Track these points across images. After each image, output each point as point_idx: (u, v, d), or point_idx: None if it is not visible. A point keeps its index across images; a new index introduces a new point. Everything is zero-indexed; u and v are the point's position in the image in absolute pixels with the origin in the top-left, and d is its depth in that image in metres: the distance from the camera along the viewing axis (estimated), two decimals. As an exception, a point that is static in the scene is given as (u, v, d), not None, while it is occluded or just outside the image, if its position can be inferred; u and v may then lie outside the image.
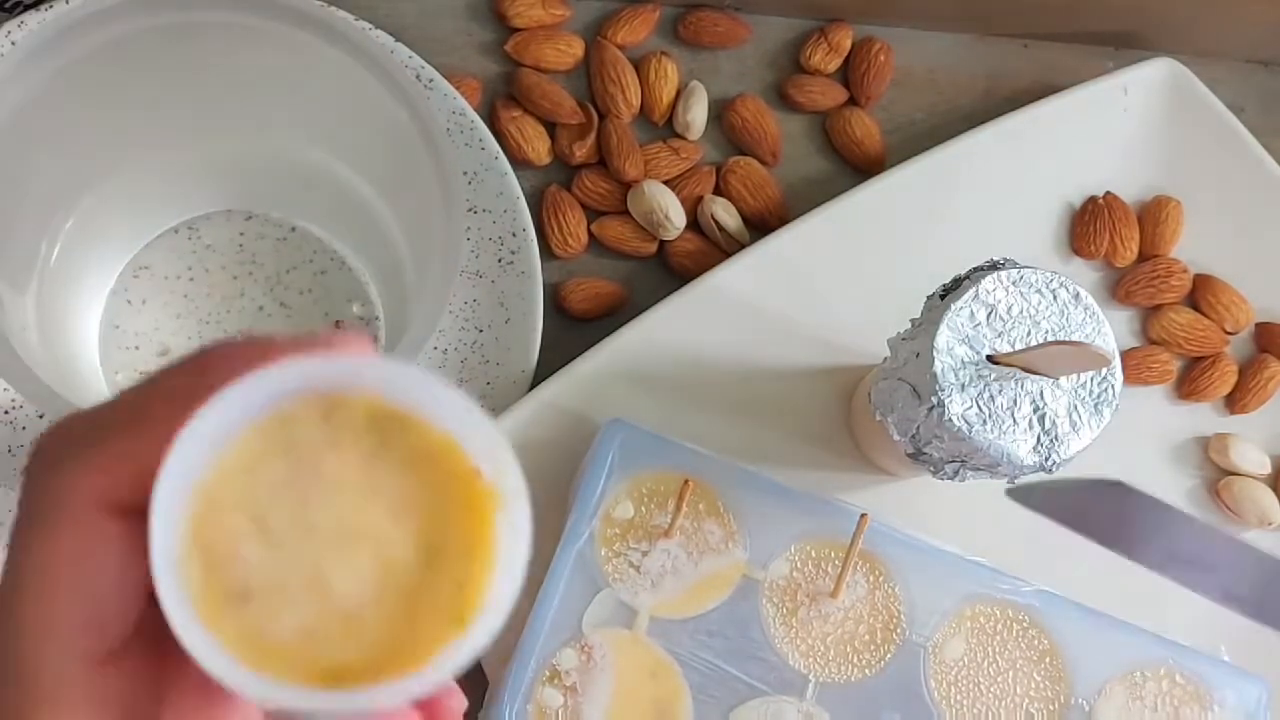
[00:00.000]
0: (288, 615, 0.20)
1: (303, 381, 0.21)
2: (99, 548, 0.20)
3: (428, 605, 0.21)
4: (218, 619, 0.20)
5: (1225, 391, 0.51)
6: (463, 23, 0.52)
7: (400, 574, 0.21)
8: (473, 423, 0.21)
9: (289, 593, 0.20)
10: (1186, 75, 0.52)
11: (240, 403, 0.20)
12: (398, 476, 0.21)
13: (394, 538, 0.21)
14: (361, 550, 0.21)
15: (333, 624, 0.20)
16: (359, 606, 0.20)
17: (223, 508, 0.20)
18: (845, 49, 0.53)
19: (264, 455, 0.21)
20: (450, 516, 0.21)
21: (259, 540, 0.20)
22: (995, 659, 0.44)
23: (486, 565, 0.21)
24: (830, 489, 0.46)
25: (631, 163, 0.50)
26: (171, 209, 0.48)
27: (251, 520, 0.20)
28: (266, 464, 0.21)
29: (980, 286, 0.39)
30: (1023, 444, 0.38)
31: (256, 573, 0.20)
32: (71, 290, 0.45)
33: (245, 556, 0.20)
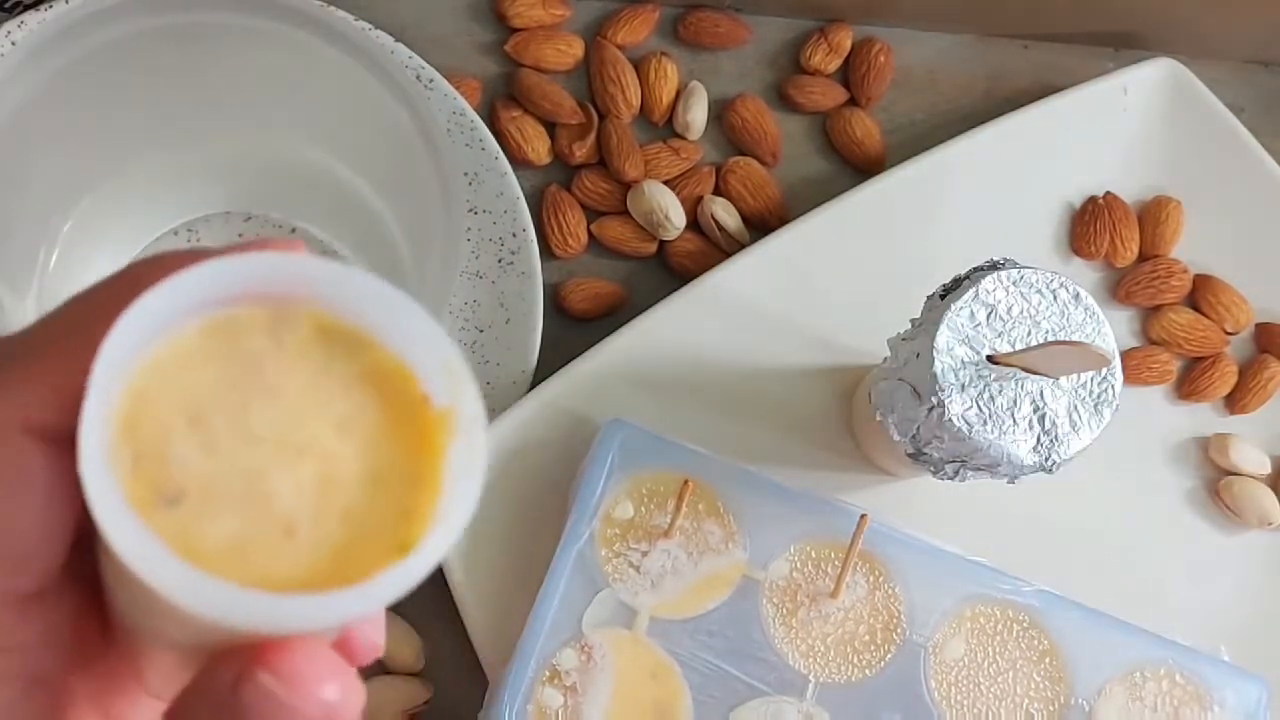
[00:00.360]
0: (221, 521, 0.19)
1: (247, 281, 0.19)
2: (23, 474, 0.19)
3: (370, 529, 0.20)
4: (146, 519, 0.18)
5: (1225, 392, 0.51)
6: (463, 23, 0.52)
7: (343, 493, 0.20)
8: (427, 344, 0.20)
9: (224, 498, 0.19)
10: (1187, 75, 0.52)
11: (180, 296, 0.19)
12: (345, 394, 0.20)
13: (339, 455, 0.20)
14: (303, 464, 0.19)
15: (269, 536, 0.19)
16: (297, 521, 0.19)
17: (157, 405, 0.19)
18: (845, 49, 0.53)
19: (203, 356, 0.19)
20: (398, 441, 0.20)
21: (194, 441, 0.19)
22: (995, 659, 0.44)
23: (433, 496, 0.20)
24: (830, 489, 0.46)
25: (631, 163, 0.50)
26: (171, 210, 0.48)
27: (187, 421, 0.19)
28: (205, 366, 0.19)
29: (980, 287, 0.39)
30: (1023, 444, 0.38)
31: (190, 474, 0.19)
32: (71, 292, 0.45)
33: (179, 456, 0.19)
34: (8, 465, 0.19)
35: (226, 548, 0.19)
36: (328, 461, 0.20)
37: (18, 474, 0.19)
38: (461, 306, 0.47)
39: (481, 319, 0.47)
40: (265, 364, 0.20)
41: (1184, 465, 0.50)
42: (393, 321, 0.20)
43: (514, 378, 0.46)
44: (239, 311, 0.20)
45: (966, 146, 0.50)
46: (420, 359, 0.20)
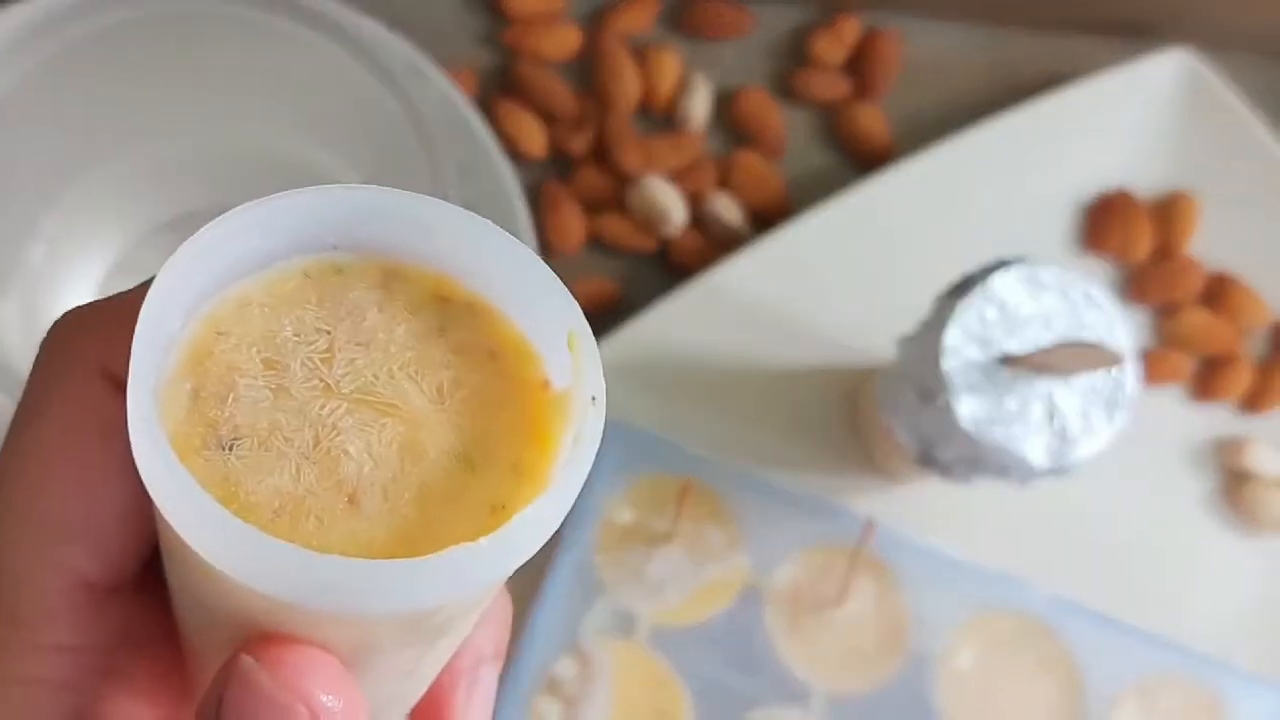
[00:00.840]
0: (275, 475, 0.17)
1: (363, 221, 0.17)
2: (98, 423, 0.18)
3: (448, 515, 0.17)
4: (190, 458, 0.16)
5: (1240, 392, 0.50)
6: (457, 12, 0.51)
7: (425, 468, 0.17)
8: (553, 318, 0.18)
9: (284, 450, 0.17)
10: (1201, 67, 0.51)
11: (280, 226, 0.17)
12: (453, 360, 0.18)
13: (431, 424, 0.17)
14: (384, 426, 0.17)
15: (327, 500, 0.17)
16: (363, 489, 0.17)
17: (230, 340, 0.17)
18: (851, 40, 0.52)
19: (295, 294, 0.18)
20: (506, 425, 0.18)
21: (264, 382, 0.17)
22: (1006, 668, 0.43)
23: (532, 489, 0.18)
24: (835, 493, 0.45)
25: (631, 156, 0.49)
26: (159, 206, 0.47)
27: (262, 361, 0.17)
28: (295, 304, 0.17)
29: (990, 284, 0.38)
30: (1034, 446, 0.38)
31: (251, 417, 0.17)
32: (56, 290, 0.45)
33: (243, 397, 0.17)
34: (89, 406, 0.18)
35: (276, 505, 0.16)
36: (414, 428, 0.17)
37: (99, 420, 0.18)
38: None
39: (477, 317, 0.46)
40: (367, 314, 0.18)
41: (1199, 468, 0.49)
42: (518, 287, 0.18)
43: (510, 377, 0.46)
44: (350, 259, 0.18)
45: (975, 140, 0.49)
46: (545, 336, 0.18)
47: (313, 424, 0.17)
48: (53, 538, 0.18)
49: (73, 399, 0.18)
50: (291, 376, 0.17)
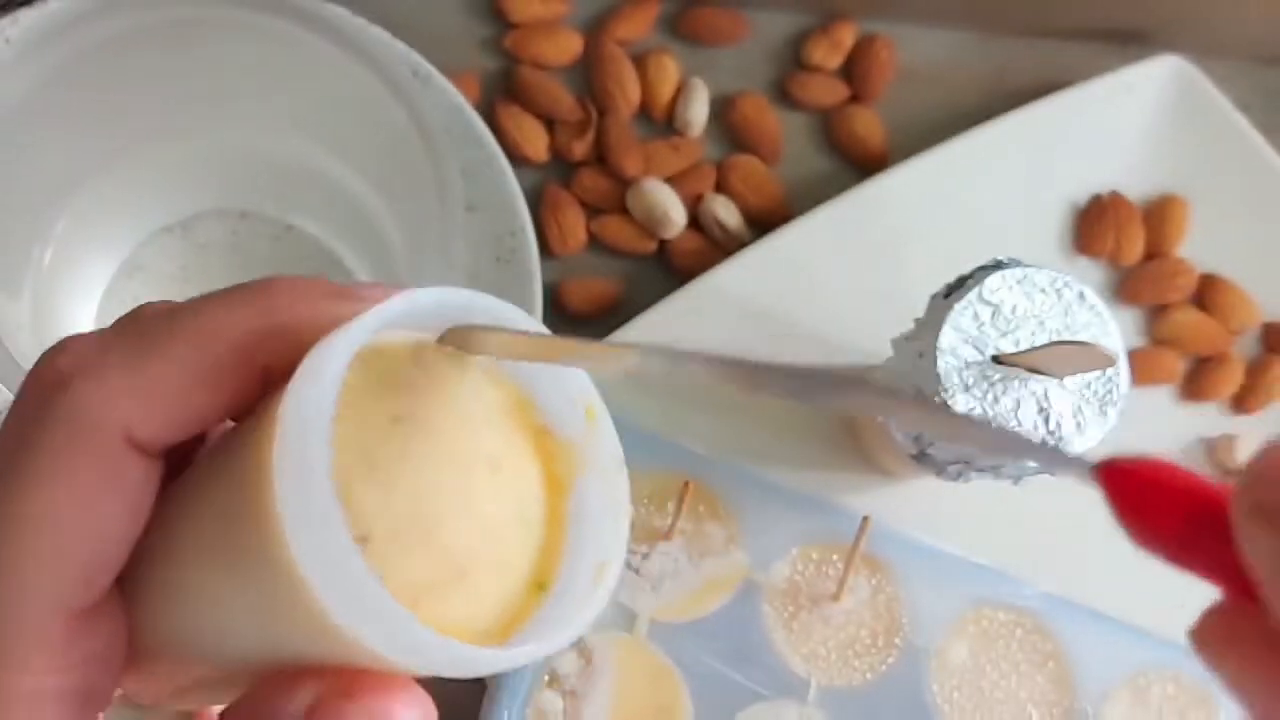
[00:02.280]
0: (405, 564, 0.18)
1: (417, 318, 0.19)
2: (120, 490, 0.18)
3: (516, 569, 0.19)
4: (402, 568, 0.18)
5: (1231, 392, 0.50)
6: (460, 18, 0.51)
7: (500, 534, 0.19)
8: (549, 373, 0.19)
9: (404, 541, 0.18)
10: (1193, 73, 0.51)
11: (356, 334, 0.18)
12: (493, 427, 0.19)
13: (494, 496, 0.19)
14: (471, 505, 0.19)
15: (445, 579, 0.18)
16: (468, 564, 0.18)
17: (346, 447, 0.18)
18: (847, 45, 0.53)
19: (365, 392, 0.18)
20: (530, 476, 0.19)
21: (373, 483, 0.18)
22: (999, 663, 0.43)
23: (559, 536, 0.19)
24: (832, 490, 0.45)
25: (631, 160, 0.50)
26: (165, 208, 0.48)
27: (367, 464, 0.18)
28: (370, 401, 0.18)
29: (984, 286, 0.39)
30: (1027, 445, 0.38)
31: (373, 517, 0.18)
32: (65, 291, 0.45)
33: (361, 499, 0.18)
34: (104, 478, 0.18)
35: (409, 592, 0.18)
36: (488, 502, 0.19)
37: (113, 489, 0.18)
38: (459, 305, 0.47)
39: (479, 318, 0.47)
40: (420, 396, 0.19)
41: (1189, 466, 0.50)
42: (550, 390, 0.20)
43: (512, 377, 0.46)
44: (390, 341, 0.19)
45: (970, 144, 0.50)
46: (541, 387, 0.20)
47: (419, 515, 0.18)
48: (54, 586, 0.18)
49: (96, 466, 0.18)
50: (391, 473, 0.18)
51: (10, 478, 0.18)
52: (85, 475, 0.17)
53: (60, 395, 0.18)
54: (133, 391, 0.18)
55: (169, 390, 0.18)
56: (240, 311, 0.18)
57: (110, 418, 0.18)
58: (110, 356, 0.18)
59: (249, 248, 0.48)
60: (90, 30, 0.38)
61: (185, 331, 0.18)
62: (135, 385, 0.18)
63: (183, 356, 0.18)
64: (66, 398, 0.18)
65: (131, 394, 0.18)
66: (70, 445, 0.17)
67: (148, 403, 0.18)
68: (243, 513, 0.18)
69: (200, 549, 0.19)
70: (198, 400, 0.18)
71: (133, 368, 0.18)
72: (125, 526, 0.18)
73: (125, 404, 0.18)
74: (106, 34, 0.38)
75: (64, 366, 0.18)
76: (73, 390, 0.18)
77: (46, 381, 0.18)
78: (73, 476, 0.17)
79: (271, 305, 0.18)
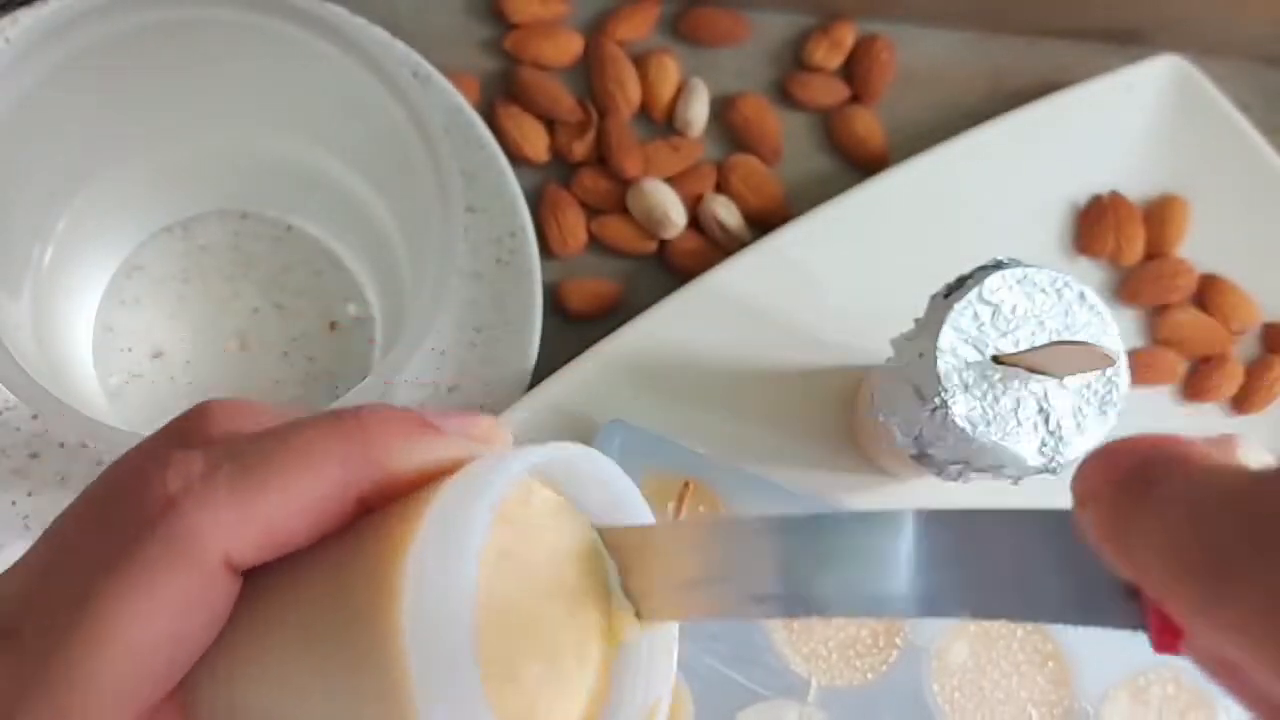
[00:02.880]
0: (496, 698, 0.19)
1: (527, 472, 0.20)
2: (209, 607, 0.19)
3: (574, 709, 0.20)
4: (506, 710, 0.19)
5: (1232, 392, 0.50)
6: (460, 19, 0.51)
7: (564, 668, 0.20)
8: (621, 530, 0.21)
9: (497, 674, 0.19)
10: (1192, 73, 0.51)
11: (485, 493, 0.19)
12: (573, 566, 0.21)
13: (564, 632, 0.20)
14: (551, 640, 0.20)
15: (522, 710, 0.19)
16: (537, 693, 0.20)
17: (493, 589, 0.19)
18: (848, 46, 0.53)
19: (495, 545, 0.20)
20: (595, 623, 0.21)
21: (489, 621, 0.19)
22: (998, 663, 0.43)
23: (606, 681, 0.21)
24: (832, 491, 0.45)
25: (631, 161, 0.50)
26: (165, 209, 0.48)
27: (510, 604, 0.19)
28: (502, 554, 0.20)
29: (984, 285, 0.38)
30: (1027, 445, 0.38)
31: (524, 656, 0.19)
32: (65, 291, 0.45)
33: (514, 640, 0.19)
34: (197, 598, 0.19)
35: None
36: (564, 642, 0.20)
37: (202, 606, 0.19)
38: (459, 306, 0.47)
39: (480, 319, 0.47)
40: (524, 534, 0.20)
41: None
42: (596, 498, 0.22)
43: (513, 378, 0.46)
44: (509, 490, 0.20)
45: (970, 144, 0.50)
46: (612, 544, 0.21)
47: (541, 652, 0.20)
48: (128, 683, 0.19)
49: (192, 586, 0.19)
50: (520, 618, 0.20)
51: (103, 580, 0.19)
52: (180, 594, 0.19)
53: (168, 517, 0.19)
54: (239, 522, 0.19)
55: (273, 522, 0.19)
56: (341, 448, 0.19)
57: (214, 546, 0.19)
58: (218, 484, 0.19)
59: (249, 249, 0.48)
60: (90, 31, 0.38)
61: (292, 466, 0.19)
62: (242, 517, 0.19)
63: (288, 491, 0.19)
64: (175, 521, 0.19)
65: (237, 524, 0.19)
66: (171, 566, 0.19)
67: (251, 532, 0.19)
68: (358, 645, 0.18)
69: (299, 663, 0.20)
70: (296, 529, 0.19)
71: (241, 500, 0.19)
72: (205, 638, 0.19)
73: (230, 533, 0.19)
74: (107, 35, 0.38)
75: (173, 488, 0.19)
76: (181, 514, 0.19)
77: (153, 498, 0.19)
78: (167, 593, 0.19)
79: (368, 441, 0.20)
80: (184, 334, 0.47)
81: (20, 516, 0.43)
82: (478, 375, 0.46)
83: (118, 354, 0.46)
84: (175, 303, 0.47)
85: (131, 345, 0.46)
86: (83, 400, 0.44)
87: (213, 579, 0.19)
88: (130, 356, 0.46)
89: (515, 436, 0.45)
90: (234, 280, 0.47)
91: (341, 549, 0.20)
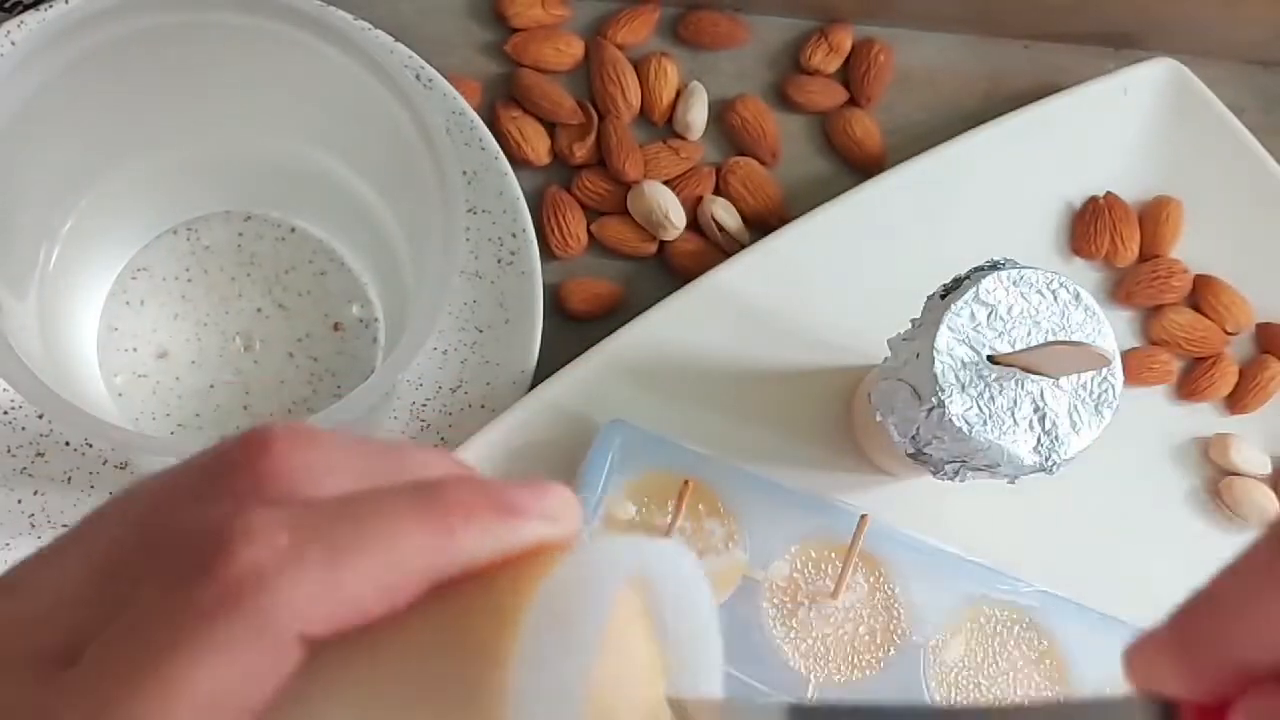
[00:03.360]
0: None
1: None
2: (279, 676, 0.19)
3: None
4: None
5: (1226, 392, 0.51)
6: (462, 22, 0.52)
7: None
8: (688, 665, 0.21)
9: None
10: (1187, 75, 0.52)
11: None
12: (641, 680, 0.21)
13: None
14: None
15: None
16: None
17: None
18: (845, 49, 0.53)
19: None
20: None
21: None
22: (995, 660, 0.44)
23: None
24: (830, 489, 0.46)
25: (631, 163, 0.50)
26: (170, 210, 0.48)
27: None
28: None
29: (980, 286, 0.39)
30: (1023, 444, 0.38)
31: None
32: (70, 292, 0.45)
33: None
34: (271, 667, 0.19)
35: None
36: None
37: (274, 674, 0.19)
38: (461, 306, 0.47)
39: (481, 319, 0.47)
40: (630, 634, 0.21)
41: (1184, 466, 0.50)
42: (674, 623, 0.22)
43: (514, 378, 0.46)
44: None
45: (967, 146, 0.50)
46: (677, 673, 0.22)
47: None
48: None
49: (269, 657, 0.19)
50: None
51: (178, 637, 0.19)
52: (257, 664, 0.19)
53: (257, 596, 0.19)
54: (322, 600, 0.19)
55: (352, 600, 0.19)
56: (425, 537, 0.20)
57: (296, 622, 0.19)
58: (307, 561, 0.19)
59: (253, 250, 0.48)
60: (96, 33, 0.38)
61: (375, 547, 0.19)
62: (327, 595, 0.19)
63: (371, 573, 0.19)
64: (262, 599, 0.19)
65: (320, 602, 0.19)
66: (252, 644, 0.19)
67: (331, 609, 0.19)
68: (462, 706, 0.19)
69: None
70: (371, 610, 0.19)
71: (327, 579, 0.19)
72: (270, 699, 0.19)
73: (312, 610, 0.19)
74: (112, 37, 0.38)
75: (261, 560, 0.19)
76: (270, 592, 0.19)
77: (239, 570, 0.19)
78: (245, 662, 0.19)
79: (452, 530, 0.20)
80: (188, 334, 0.47)
81: (26, 515, 0.43)
82: (479, 374, 0.47)
83: (123, 354, 0.47)
84: (180, 303, 0.47)
85: (136, 345, 0.47)
86: (88, 400, 0.44)
87: (289, 649, 0.19)
88: (135, 356, 0.47)
89: (516, 436, 0.46)
90: (238, 281, 0.48)
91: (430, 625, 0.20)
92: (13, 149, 0.38)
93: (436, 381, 0.46)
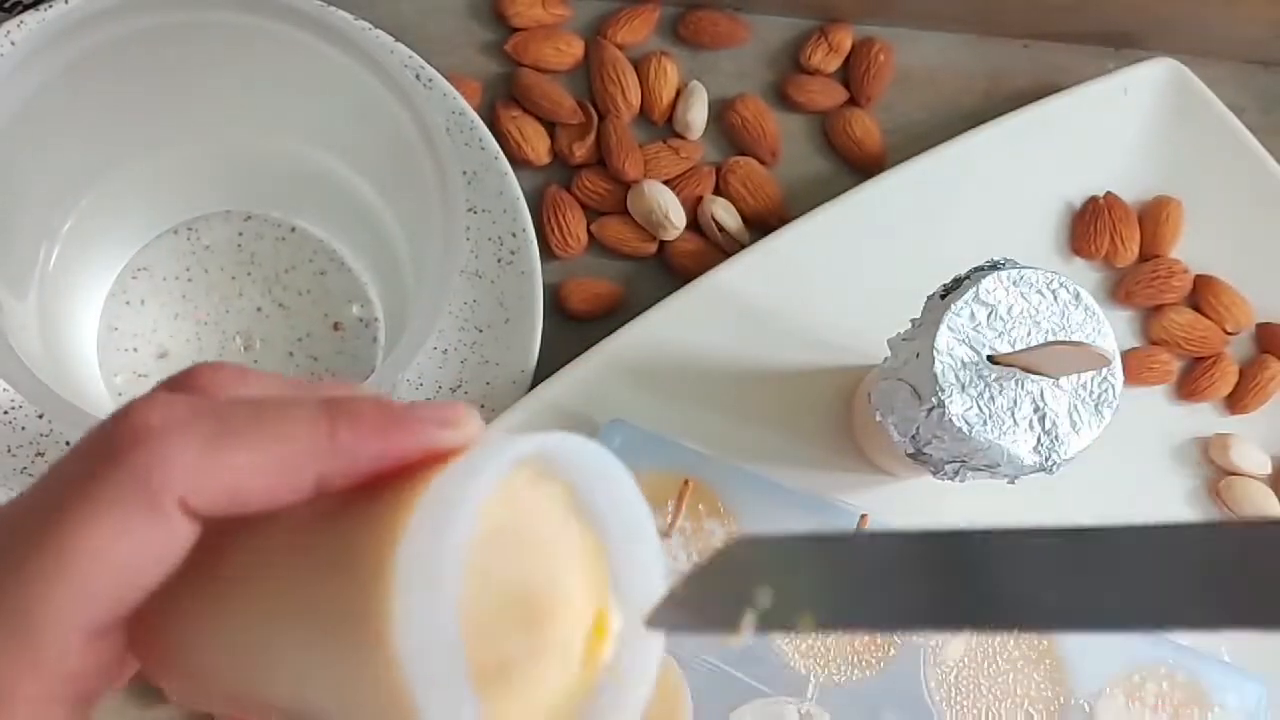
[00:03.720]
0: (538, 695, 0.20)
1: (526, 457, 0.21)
2: (164, 546, 0.20)
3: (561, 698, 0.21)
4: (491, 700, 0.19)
5: (1225, 392, 0.51)
6: (463, 22, 0.52)
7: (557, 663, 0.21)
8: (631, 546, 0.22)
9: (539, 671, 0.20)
10: (1187, 75, 0.52)
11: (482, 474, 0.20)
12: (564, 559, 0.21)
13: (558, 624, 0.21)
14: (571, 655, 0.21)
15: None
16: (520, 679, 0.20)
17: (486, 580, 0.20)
18: (845, 49, 0.53)
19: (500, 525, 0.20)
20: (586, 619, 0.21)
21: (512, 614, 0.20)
22: (995, 659, 0.44)
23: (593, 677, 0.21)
24: (830, 489, 0.46)
25: (631, 163, 0.50)
26: (170, 209, 0.48)
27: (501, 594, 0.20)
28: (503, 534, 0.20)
29: (980, 286, 0.39)
30: (1023, 444, 0.38)
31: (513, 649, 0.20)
32: (71, 291, 0.45)
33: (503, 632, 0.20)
34: (151, 533, 0.20)
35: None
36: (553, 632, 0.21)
37: (155, 542, 0.20)
38: (461, 306, 0.47)
39: (481, 319, 0.47)
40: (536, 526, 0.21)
41: (1184, 465, 0.50)
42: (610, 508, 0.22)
43: (514, 378, 0.46)
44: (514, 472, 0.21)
45: (967, 146, 0.50)
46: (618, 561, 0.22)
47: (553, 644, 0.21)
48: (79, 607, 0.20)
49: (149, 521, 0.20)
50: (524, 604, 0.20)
51: (70, 506, 0.20)
52: (137, 527, 0.20)
53: (137, 449, 0.20)
54: (205, 469, 0.20)
55: (234, 476, 0.20)
56: (309, 434, 0.21)
57: (175, 485, 0.20)
58: (193, 432, 0.20)
59: (253, 249, 0.48)
60: (96, 33, 0.38)
61: (262, 436, 0.20)
62: (210, 464, 0.20)
63: (254, 460, 0.20)
64: (144, 454, 0.20)
65: (203, 471, 0.20)
66: (132, 498, 0.20)
67: (213, 482, 0.20)
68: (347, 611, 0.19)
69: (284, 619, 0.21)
70: (253, 494, 0.20)
71: (213, 447, 0.20)
72: (155, 575, 0.20)
73: (194, 477, 0.20)
74: (112, 37, 0.38)
75: (152, 422, 0.20)
76: (150, 449, 0.20)
77: (129, 429, 0.20)
78: (125, 525, 0.20)
79: (333, 429, 0.21)
80: (189, 334, 0.47)
81: (26, 515, 0.43)
82: (479, 374, 0.47)
83: (123, 354, 0.47)
84: (180, 303, 0.47)
85: (136, 345, 0.47)
86: (88, 400, 0.44)
87: (168, 517, 0.20)
88: (135, 356, 0.47)
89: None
90: (238, 280, 0.48)
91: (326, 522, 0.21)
92: (13, 149, 0.38)
93: (436, 381, 0.46)
